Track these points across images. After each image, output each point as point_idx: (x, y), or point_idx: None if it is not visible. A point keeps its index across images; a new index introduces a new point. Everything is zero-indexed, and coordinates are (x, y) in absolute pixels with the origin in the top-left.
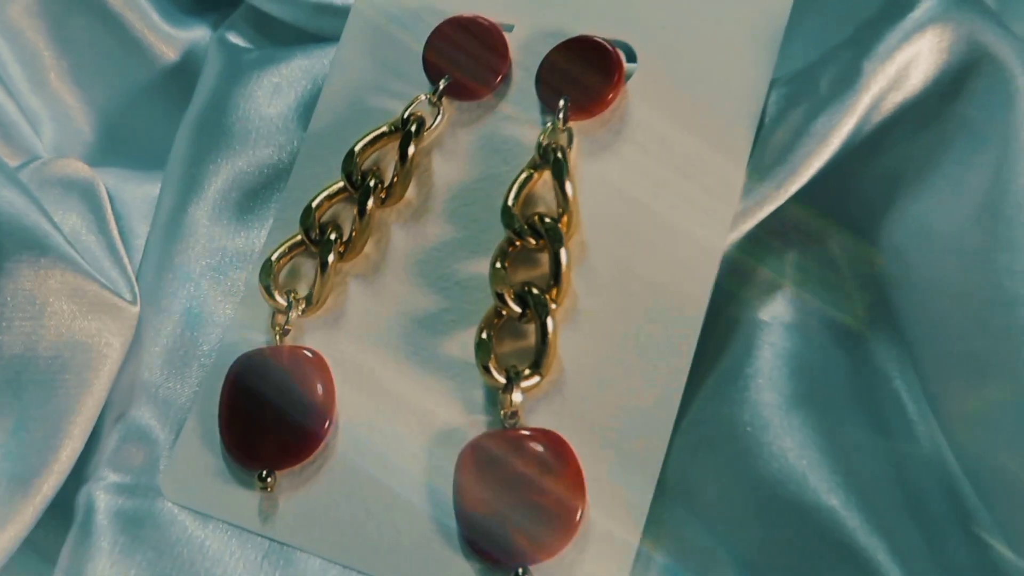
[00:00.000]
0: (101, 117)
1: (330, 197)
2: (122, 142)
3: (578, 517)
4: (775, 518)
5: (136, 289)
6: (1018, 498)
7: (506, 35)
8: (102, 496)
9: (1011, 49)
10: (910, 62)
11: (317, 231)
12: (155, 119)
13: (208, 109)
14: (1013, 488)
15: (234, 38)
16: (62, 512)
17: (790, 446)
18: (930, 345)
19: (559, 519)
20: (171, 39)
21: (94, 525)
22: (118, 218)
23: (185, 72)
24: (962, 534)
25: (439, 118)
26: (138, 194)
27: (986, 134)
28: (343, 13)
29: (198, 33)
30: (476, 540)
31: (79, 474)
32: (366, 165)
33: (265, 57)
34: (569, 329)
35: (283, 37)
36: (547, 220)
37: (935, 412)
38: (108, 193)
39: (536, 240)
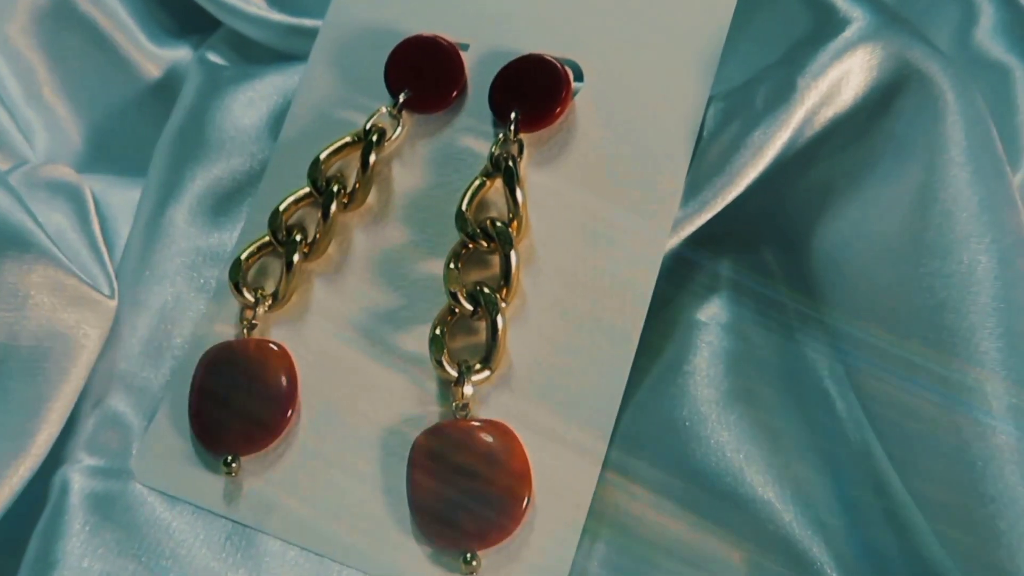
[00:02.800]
0: (90, 128)
1: (297, 201)
2: (109, 151)
3: (524, 504)
4: (713, 510)
5: (115, 284)
6: (942, 492)
7: (462, 53)
8: (76, 478)
9: (939, 66)
10: (842, 79)
11: (284, 233)
12: (139, 130)
13: (188, 121)
14: (938, 484)
15: (213, 57)
16: (37, 493)
17: (727, 440)
18: (861, 347)
19: (506, 506)
20: (156, 57)
21: (67, 506)
22: (103, 220)
23: (168, 87)
24: (890, 526)
25: (399, 130)
26: (122, 198)
27: (915, 146)
28: (312, 34)
29: (180, 52)
30: (427, 525)
31: (55, 457)
32: (330, 172)
33: (241, 74)
34: (518, 326)
35: (258, 56)
36: (498, 224)
37: (864, 409)
38: (94, 197)
39: (488, 243)
